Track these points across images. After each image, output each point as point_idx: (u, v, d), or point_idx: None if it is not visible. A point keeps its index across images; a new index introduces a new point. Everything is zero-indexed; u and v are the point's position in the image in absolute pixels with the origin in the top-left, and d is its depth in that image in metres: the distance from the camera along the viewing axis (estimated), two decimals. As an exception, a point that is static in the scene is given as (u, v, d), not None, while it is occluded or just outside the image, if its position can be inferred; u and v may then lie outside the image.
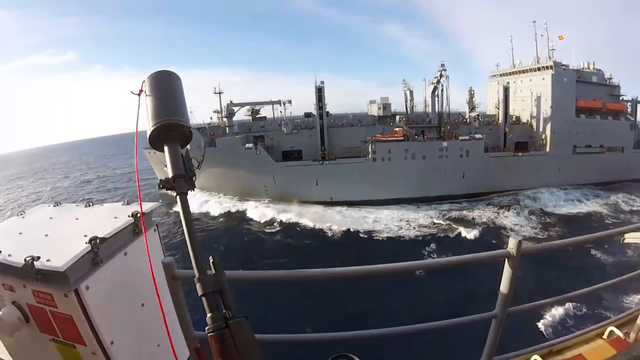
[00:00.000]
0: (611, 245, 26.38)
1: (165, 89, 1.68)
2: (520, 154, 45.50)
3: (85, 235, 2.28)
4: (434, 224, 37.17)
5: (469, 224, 36.68)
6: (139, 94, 1.66)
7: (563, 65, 47.47)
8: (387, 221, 37.72)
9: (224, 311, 1.37)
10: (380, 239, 33.94)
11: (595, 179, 47.40)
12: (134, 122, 1.69)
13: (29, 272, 2.10)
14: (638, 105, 52.76)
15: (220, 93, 45.57)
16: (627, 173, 48.84)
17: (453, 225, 36.15)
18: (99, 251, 2.29)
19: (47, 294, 2.18)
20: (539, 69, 47.91)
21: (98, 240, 2.26)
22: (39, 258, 2.09)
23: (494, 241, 31.42)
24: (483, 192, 44.09)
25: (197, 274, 1.43)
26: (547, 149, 46.08)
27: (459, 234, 34.16)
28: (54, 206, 3.05)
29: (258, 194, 42.83)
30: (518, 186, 45.03)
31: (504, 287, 2.68)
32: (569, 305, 20.04)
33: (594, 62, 51.10)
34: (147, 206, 2.81)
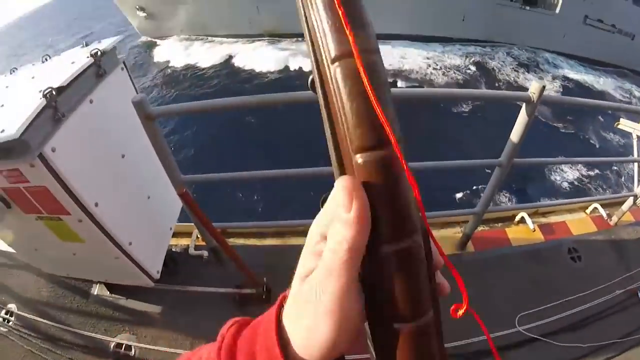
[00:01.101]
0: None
1: None
2: (528, 7, 42.23)
3: (40, 91, 1.90)
4: (459, 69, 35.93)
5: (491, 77, 35.73)
6: None
7: None
8: (413, 58, 36.10)
9: None
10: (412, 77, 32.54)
11: (598, 56, 45.11)
12: None
13: None
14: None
15: None
16: (631, 62, 46.55)
17: (478, 77, 35.11)
18: (58, 104, 1.94)
19: (14, 170, 1.90)
20: None
21: (54, 92, 1.89)
22: None
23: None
24: (482, 40, 41.96)
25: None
26: (557, 10, 42.82)
27: (482, 85, 33.38)
28: (10, 74, 2.59)
29: (239, 28, 39.38)
30: (519, 42, 42.69)
31: (515, 134, 2.57)
32: (567, 169, 19.33)
33: None
34: (107, 42, 2.40)
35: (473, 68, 36.34)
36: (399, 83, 31.11)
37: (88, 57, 2.23)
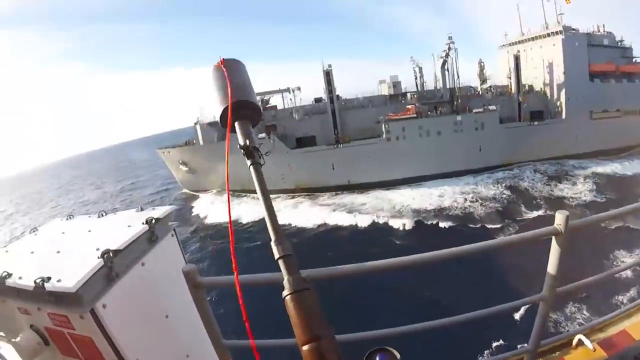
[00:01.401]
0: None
1: (238, 73, 1.72)
2: (536, 122, 44.51)
3: (98, 249, 2.11)
4: (495, 197, 36.25)
5: (527, 197, 35.68)
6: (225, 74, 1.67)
7: (573, 29, 45.75)
8: (450, 195, 37.12)
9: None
10: (453, 215, 33.13)
11: (615, 144, 46.05)
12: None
13: (41, 294, 1.97)
14: (652, 64, 50.97)
15: (227, 84, 45.13)
16: None
17: (515, 200, 35.10)
18: (114, 265, 2.11)
19: (62, 316, 2.04)
20: (548, 34, 46.29)
21: (111, 254, 2.09)
22: (49, 279, 1.94)
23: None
24: (500, 165, 43.38)
25: (273, 238, 1.46)
26: (563, 116, 44.99)
27: (521, 207, 33.42)
28: (67, 220, 2.90)
29: (275, 184, 42.84)
30: (536, 156, 44.09)
31: (551, 267, 2.50)
32: (613, 279, 18.73)
33: (604, 25, 49.34)
34: (161, 211, 2.65)
35: (507, 192, 37.09)
36: (441, 224, 32.17)
37: (143, 223, 2.45)
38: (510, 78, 46.96)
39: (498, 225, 30.45)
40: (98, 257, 2.05)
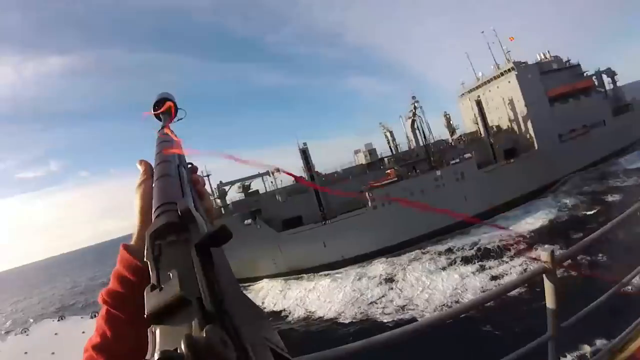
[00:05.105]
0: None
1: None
2: (512, 160, 45.69)
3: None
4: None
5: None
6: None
7: (522, 63, 48.98)
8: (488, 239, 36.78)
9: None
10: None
11: (592, 158, 47.71)
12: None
13: None
14: (602, 75, 54.61)
15: (208, 175, 44.73)
16: (613, 144, 49.43)
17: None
18: None
19: None
20: (502, 74, 49.55)
21: None
22: None
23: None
24: (491, 209, 43.40)
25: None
26: (535, 147, 46.43)
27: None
28: (58, 321, 2.51)
29: (267, 269, 41.87)
30: (523, 191, 44.56)
31: (550, 303, 2.47)
32: (618, 297, 18.95)
33: (549, 51, 52.78)
34: None
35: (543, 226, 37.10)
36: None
37: None
38: (477, 123, 48.83)
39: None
40: None
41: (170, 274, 0.52)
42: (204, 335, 0.41)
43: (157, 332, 0.47)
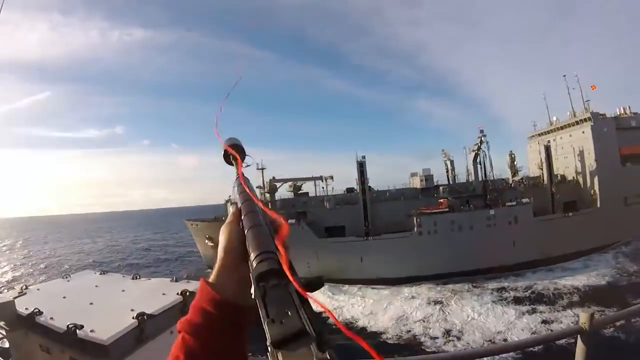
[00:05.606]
0: None
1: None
2: (570, 213, 43.53)
3: (132, 310, 2.17)
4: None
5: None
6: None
7: (600, 114, 46.06)
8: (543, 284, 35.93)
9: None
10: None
11: None
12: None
13: (70, 339, 2.03)
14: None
15: (262, 169, 46.42)
16: None
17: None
18: (145, 328, 2.16)
19: None
20: (577, 122, 46.76)
21: (145, 317, 2.16)
22: (82, 327, 2.02)
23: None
24: (535, 260, 41.57)
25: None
26: (598, 205, 44.08)
27: None
28: (100, 274, 3.06)
29: (299, 271, 42.07)
30: (577, 247, 42.02)
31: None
32: None
33: (630, 107, 49.33)
34: (196, 285, 2.54)
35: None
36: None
37: (178, 294, 2.56)
38: (541, 169, 46.79)
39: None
40: (133, 318, 2.13)
41: (289, 312, 0.70)
42: (328, 357, 0.59)
43: (279, 355, 0.63)
